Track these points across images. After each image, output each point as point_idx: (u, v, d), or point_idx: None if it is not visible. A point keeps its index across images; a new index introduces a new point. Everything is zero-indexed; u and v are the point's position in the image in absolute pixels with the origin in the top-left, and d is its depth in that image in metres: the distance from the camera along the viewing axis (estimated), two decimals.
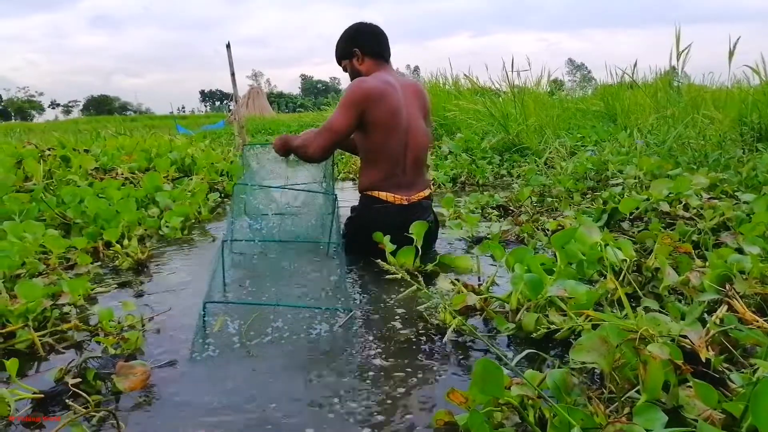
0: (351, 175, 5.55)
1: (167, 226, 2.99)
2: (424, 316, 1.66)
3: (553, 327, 1.41)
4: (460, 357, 1.42)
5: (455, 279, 1.79)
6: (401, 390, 1.26)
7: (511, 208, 3.14)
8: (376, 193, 2.44)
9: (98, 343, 1.53)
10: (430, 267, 2.17)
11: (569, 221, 2.52)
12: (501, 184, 4.70)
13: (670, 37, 5.07)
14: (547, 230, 2.54)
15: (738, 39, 4.34)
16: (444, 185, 4.64)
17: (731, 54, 3.72)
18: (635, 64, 6.82)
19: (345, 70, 2.63)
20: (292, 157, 2.61)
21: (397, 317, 1.72)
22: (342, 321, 1.64)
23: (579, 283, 1.52)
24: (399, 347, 1.50)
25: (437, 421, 1.06)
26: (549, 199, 3.21)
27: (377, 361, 1.41)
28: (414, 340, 1.55)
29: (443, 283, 1.78)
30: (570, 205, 3.02)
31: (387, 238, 2.21)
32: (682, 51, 5.06)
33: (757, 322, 1.35)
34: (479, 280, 2.04)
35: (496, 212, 3.11)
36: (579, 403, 0.95)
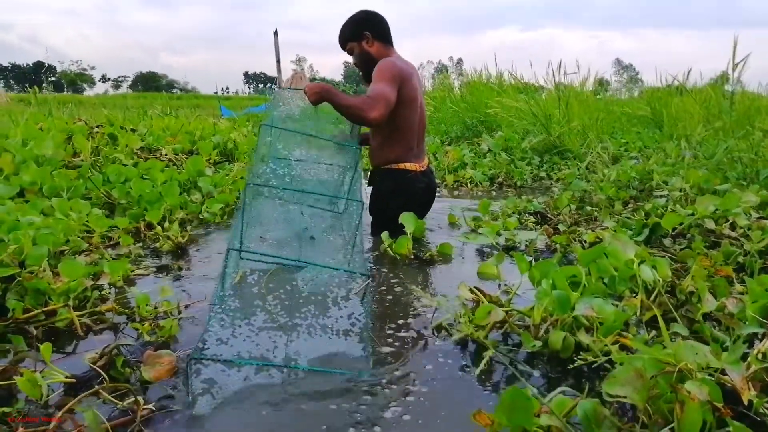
0: None
1: (208, 212, 3.05)
2: (444, 326, 1.64)
3: (582, 352, 1.38)
4: (483, 369, 1.40)
5: (475, 288, 1.76)
6: (423, 401, 1.26)
7: (549, 215, 3.08)
8: (402, 165, 2.74)
9: (134, 328, 1.57)
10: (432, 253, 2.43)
11: (608, 234, 2.46)
12: (539, 187, 4.63)
13: (727, 41, 4.89)
14: (585, 242, 2.49)
15: None
16: (481, 184, 4.59)
17: None
18: (689, 72, 6.60)
19: (350, 52, 2.80)
20: (322, 106, 2.51)
21: (415, 323, 1.71)
22: (359, 288, 1.62)
23: (606, 302, 1.49)
24: (417, 355, 1.49)
25: None
26: (588, 208, 3.13)
27: (394, 371, 1.40)
28: (432, 347, 1.54)
29: (463, 290, 1.76)
30: (610, 215, 2.94)
31: (410, 215, 2.57)
32: (739, 62, 4.87)
33: None
34: (499, 287, 2.02)
35: (533, 218, 3.06)
36: None
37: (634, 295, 1.66)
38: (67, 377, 1.26)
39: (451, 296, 1.83)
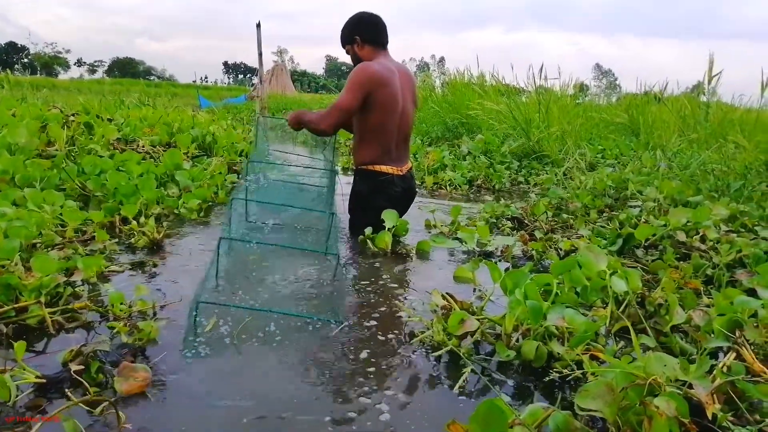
0: None
1: (185, 207, 3.01)
2: (416, 333, 1.64)
3: (554, 361, 1.41)
4: (453, 374, 1.42)
5: (447, 294, 1.78)
6: (396, 410, 1.27)
7: (526, 221, 3.12)
8: (377, 167, 2.81)
9: (110, 328, 1.55)
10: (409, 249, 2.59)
11: (583, 243, 2.51)
12: (517, 191, 4.68)
13: (705, 52, 5.02)
14: (560, 249, 2.53)
15: None
16: (460, 187, 4.62)
17: (763, 86, 3.64)
18: (666, 83, 6.73)
19: (348, 53, 2.93)
20: (303, 130, 2.91)
21: (389, 329, 1.71)
22: (334, 331, 1.65)
23: (577, 312, 1.52)
24: (390, 363, 1.49)
25: None
26: (565, 215, 3.18)
27: (368, 381, 1.41)
28: (406, 355, 1.54)
29: (436, 297, 1.78)
30: (586, 223, 3.00)
31: (392, 213, 2.67)
32: (714, 75, 5.00)
33: (765, 374, 1.34)
34: (474, 292, 2.05)
35: (509, 224, 3.10)
36: None
37: (605, 305, 1.70)
38: (37, 377, 1.24)
39: (426, 299, 1.85)
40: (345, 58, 3.03)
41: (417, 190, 3.14)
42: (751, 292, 1.84)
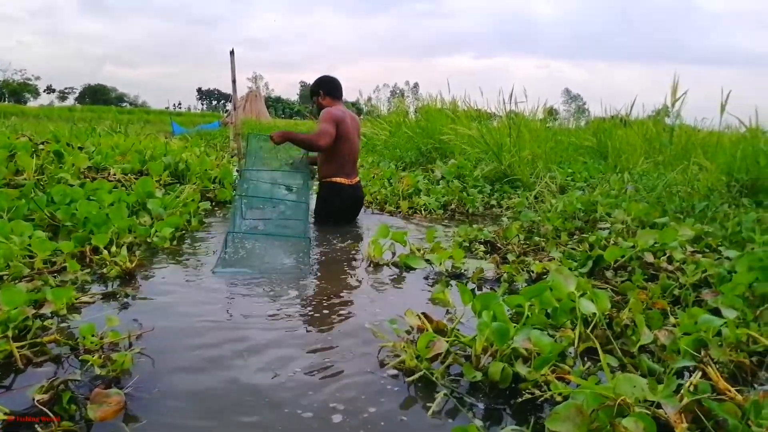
0: None
1: (157, 236, 2.98)
2: (386, 362, 1.64)
3: (521, 382, 1.43)
4: (426, 396, 1.43)
5: (423, 314, 1.80)
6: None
7: (499, 244, 3.17)
8: (337, 179, 4.08)
9: (84, 360, 1.52)
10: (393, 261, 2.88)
11: (555, 264, 2.56)
12: (490, 215, 4.75)
13: (670, 76, 5.22)
14: (532, 272, 2.57)
15: (729, 92, 4.47)
16: (434, 211, 4.67)
17: (723, 107, 3.80)
18: (633, 103, 6.96)
19: (313, 102, 4.30)
20: (285, 146, 4.01)
21: (359, 354, 1.72)
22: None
23: (544, 334, 1.56)
24: (359, 385, 1.50)
25: None
26: (536, 238, 3.24)
27: (337, 405, 1.41)
28: (376, 378, 1.55)
29: (410, 317, 1.79)
30: (557, 246, 3.05)
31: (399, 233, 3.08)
32: (678, 98, 5.20)
33: (730, 392, 1.38)
34: (447, 313, 2.07)
35: (483, 247, 3.14)
36: None
37: (574, 327, 1.73)
38: (5, 414, 1.21)
39: (401, 321, 1.86)
40: None
41: (392, 215, 4.36)
42: (716, 312, 1.89)
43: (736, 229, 3.02)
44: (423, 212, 4.66)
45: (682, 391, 1.32)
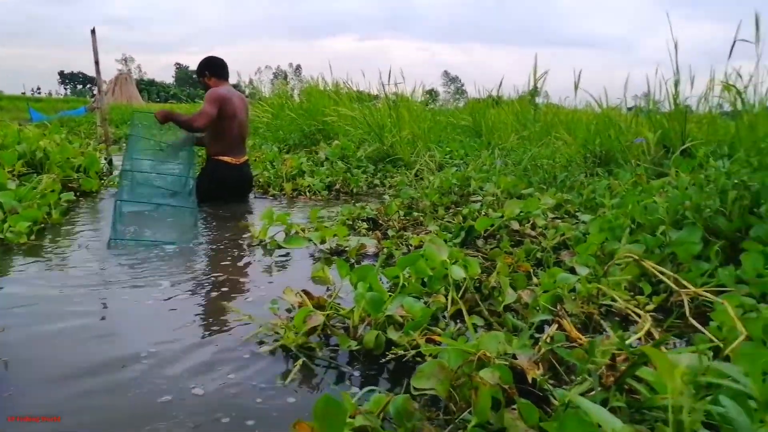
0: None
1: (11, 231, 2.71)
2: (264, 341, 1.64)
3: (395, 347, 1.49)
4: (305, 374, 1.44)
5: (302, 291, 1.81)
6: (242, 416, 1.26)
7: (380, 221, 3.24)
8: (223, 158, 4.17)
9: None
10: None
11: (429, 238, 2.67)
12: (374, 194, 4.83)
13: (542, 58, 5.65)
14: (411, 245, 2.66)
15: (580, 72, 4.90)
16: (319, 192, 4.66)
17: (576, 86, 4.16)
18: (501, 83, 7.38)
19: (200, 82, 4.38)
20: (172, 126, 4.18)
21: (239, 332, 1.70)
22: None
23: (416, 300, 1.64)
24: (234, 367, 1.48)
25: None
26: (415, 213, 3.35)
27: (213, 385, 1.40)
28: (254, 353, 1.55)
29: (290, 296, 1.80)
30: (434, 219, 3.18)
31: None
32: (540, 77, 5.60)
33: (581, 339, 1.54)
34: (328, 290, 2.10)
35: (366, 225, 3.20)
36: (418, 428, 1.02)
37: (447, 293, 1.83)
38: None
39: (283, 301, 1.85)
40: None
41: (276, 198, 4.50)
42: (573, 270, 2.08)
43: (590, 195, 3.33)
44: (308, 194, 4.64)
45: (540, 342, 1.44)
